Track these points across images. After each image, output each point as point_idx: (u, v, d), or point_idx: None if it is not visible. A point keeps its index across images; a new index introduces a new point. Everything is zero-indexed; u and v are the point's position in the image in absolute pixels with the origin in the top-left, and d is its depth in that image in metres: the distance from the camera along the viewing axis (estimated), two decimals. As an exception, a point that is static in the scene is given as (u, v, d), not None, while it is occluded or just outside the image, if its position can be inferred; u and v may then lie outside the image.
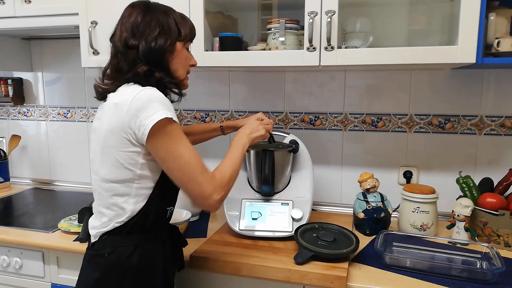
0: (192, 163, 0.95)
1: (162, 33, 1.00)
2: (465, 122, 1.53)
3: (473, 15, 1.16)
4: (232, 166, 1.04)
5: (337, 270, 1.10)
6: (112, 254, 0.99)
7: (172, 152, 0.94)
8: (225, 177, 1.01)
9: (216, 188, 0.97)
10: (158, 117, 0.90)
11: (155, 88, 0.96)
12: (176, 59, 1.04)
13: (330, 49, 1.26)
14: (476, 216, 1.33)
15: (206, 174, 0.97)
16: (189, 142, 0.98)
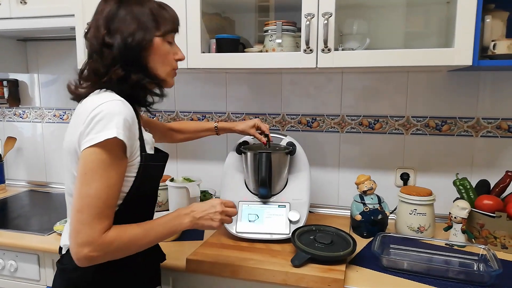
0: (96, 200, 0.81)
1: (138, 28, 0.90)
2: (462, 124, 1.53)
3: (470, 18, 1.16)
4: (142, 240, 0.88)
5: (334, 272, 1.09)
6: (77, 270, 0.91)
7: (92, 173, 0.82)
8: (117, 244, 0.84)
9: (95, 244, 0.81)
10: (106, 136, 0.81)
11: (121, 100, 0.86)
12: (154, 56, 0.93)
13: (327, 51, 1.26)
14: (473, 218, 1.33)
15: (98, 221, 0.81)
16: (118, 177, 0.84)
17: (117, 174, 0.84)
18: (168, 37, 0.96)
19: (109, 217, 0.84)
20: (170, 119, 1.86)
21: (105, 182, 0.82)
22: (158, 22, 0.93)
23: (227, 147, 1.79)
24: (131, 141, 0.86)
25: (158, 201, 1.64)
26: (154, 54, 0.93)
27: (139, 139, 0.91)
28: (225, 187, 1.42)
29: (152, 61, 0.94)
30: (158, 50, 0.94)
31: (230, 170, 1.45)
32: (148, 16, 0.91)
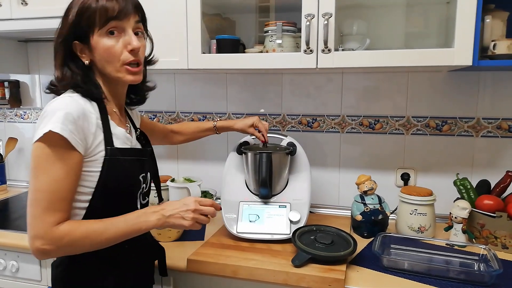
0: (44, 193, 0.82)
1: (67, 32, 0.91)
2: (462, 124, 1.53)
3: (469, 18, 1.16)
4: (100, 236, 0.86)
5: (334, 272, 1.09)
6: (59, 266, 0.96)
7: (38, 168, 0.83)
8: (69, 238, 0.84)
9: (46, 238, 0.82)
10: (44, 130, 0.81)
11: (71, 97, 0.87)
12: (96, 55, 0.91)
13: (327, 51, 1.26)
14: (473, 218, 1.33)
15: (49, 214, 0.82)
16: (67, 170, 0.84)
17: (64, 167, 0.84)
18: (105, 29, 0.89)
19: (62, 210, 0.84)
20: (171, 119, 1.86)
21: (52, 176, 0.83)
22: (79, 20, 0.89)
23: (227, 147, 1.79)
24: (79, 135, 0.85)
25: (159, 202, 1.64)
26: (96, 53, 0.91)
27: (104, 133, 0.90)
28: (226, 187, 1.42)
29: (98, 62, 0.92)
30: (96, 48, 0.90)
31: (230, 170, 1.45)
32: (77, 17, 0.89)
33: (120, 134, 0.96)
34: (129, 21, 0.91)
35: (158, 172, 1.16)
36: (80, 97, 0.90)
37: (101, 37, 0.89)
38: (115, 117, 0.98)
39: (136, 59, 0.93)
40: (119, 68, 0.92)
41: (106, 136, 0.91)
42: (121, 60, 0.91)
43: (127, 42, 0.91)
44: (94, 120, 0.89)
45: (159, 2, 1.42)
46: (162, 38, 1.43)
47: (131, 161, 0.96)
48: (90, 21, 0.88)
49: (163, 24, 1.42)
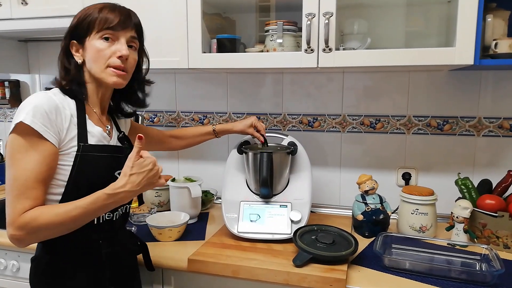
0: (18, 181, 0.87)
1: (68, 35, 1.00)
2: (464, 123, 1.53)
3: (471, 17, 1.16)
4: (54, 219, 0.87)
5: (336, 272, 1.09)
6: (34, 261, 1.01)
7: (11, 158, 0.88)
8: (36, 223, 0.86)
9: (15, 225, 0.86)
10: (15, 121, 0.87)
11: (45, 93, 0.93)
12: (87, 55, 0.99)
13: (328, 50, 1.25)
14: (475, 218, 1.32)
15: (19, 202, 0.86)
16: (39, 159, 0.88)
17: (35, 156, 0.87)
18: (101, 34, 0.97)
19: (32, 198, 0.87)
20: (171, 119, 1.86)
21: (23, 165, 0.87)
22: (89, 25, 0.97)
23: (228, 147, 1.79)
24: (52, 127, 0.89)
25: (160, 201, 1.64)
26: (87, 53, 0.98)
27: (79, 130, 0.95)
28: (227, 187, 1.42)
29: (87, 61, 0.99)
30: (88, 48, 0.98)
31: (231, 170, 1.45)
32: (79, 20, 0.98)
33: (96, 132, 1.00)
34: (125, 34, 0.99)
35: None
36: (58, 94, 0.96)
37: (95, 40, 0.97)
38: (93, 117, 1.02)
39: (122, 65, 0.98)
40: (103, 69, 0.98)
41: (80, 132, 0.95)
42: (107, 63, 0.97)
43: (118, 49, 0.97)
44: (68, 116, 0.94)
45: (160, 2, 1.42)
46: (163, 38, 1.43)
47: (105, 158, 1.00)
48: (90, 25, 0.97)
49: (163, 23, 1.42)
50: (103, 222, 1.02)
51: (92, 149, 0.97)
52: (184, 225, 1.37)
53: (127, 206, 1.11)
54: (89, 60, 0.98)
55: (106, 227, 1.03)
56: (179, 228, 1.34)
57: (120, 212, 1.07)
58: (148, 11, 1.43)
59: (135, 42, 1.03)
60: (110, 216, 1.04)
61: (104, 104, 1.07)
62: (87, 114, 0.99)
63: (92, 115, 1.02)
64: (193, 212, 1.51)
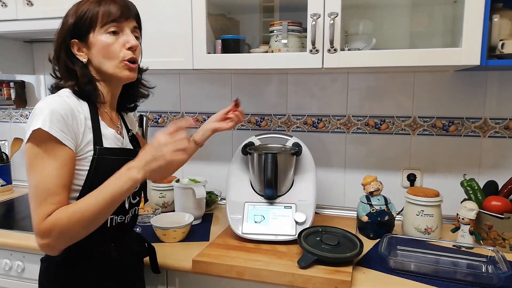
0: (40, 188, 0.85)
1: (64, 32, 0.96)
2: (469, 124, 1.52)
3: (477, 17, 1.15)
4: (87, 212, 0.84)
5: (341, 274, 1.09)
6: (44, 262, 1.00)
7: (31, 166, 0.86)
8: (60, 224, 0.83)
9: (39, 230, 0.84)
10: (32, 128, 0.84)
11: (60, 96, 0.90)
12: (94, 52, 0.94)
13: (333, 51, 1.25)
14: (481, 220, 1.31)
15: (41, 208, 0.84)
16: (58, 164, 0.86)
17: (54, 162, 0.85)
18: (106, 28, 0.94)
19: (55, 203, 0.85)
20: (176, 120, 1.86)
21: (42, 172, 0.85)
22: (91, 20, 0.93)
23: (232, 148, 1.79)
24: (69, 132, 0.88)
25: (164, 202, 1.64)
26: (93, 50, 0.95)
27: (94, 133, 0.93)
28: (231, 188, 1.42)
29: (94, 58, 0.95)
30: (95, 45, 0.94)
31: (235, 171, 1.44)
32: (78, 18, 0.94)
33: (110, 134, 0.99)
34: (128, 24, 0.97)
35: None
36: (71, 96, 0.93)
37: (101, 35, 0.93)
38: (106, 118, 1.01)
39: (134, 56, 0.97)
40: (117, 64, 0.95)
41: (96, 135, 0.94)
42: (121, 57, 0.95)
43: (126, 41, 0.95)
44: (83, 119, 0.92)
45: (165, 2, 1.42)
46: (167, 38, 1.43)
47: (120, 161, 0.95)
48: (92, 21, 0.93)
49: (168, 24, 1.42)
50: (115, 225, 1.01)
51: (108, 152, 0.95)
52: (189, 226, 1.37)
53: (136, 208, 1.10)
54: (97, 57, 0.95)
55: (118, 230, 1.02)
56: (183, 229, 1.34)
57: (131, 215, 1.06)
58: (153, 12, 1.43)
59: (138, 32, 1.01)
60: (122, 219, 1.03)
61: (114, 102, 1.06)
62: (99, 115, 0.98)
63: (104, 116, 1.00)
64: (197, 213, 1.51)
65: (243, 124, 1.77)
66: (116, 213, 1.00)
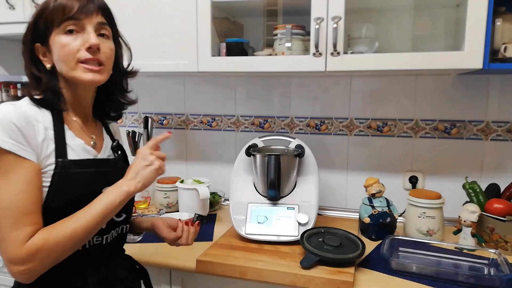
0: (9, 209, 0.74)
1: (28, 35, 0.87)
2: (471, 127, 1.53)
3: (480, 21, 1.16)
4: (77, 229, 0.77)
5: (343, 275, 1.10)
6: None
7: None
8: (43, 247, 0.75)
9: (19, 256, 0.74)
10: None
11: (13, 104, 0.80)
12: (54, 56, 0.85)
13: (336, 54, 1.26)
14: (483, 222, 1.32)
15: (15, 233, 0.74)
16: (24, 181, 0.76)
17: (20, 179, 0.76)
18: (62, 27, 0.83)
19: (32, 224, 0.76)
20: (180, 121, 1.88)
21: (10, 191, 0.75)
22: (47, 20, 0.84)
23: (236, 149, 1.80)
24: (27, 144, 0.78)
25: (169, 203, 1.65)
26: (53, 54, 0.85)
27: (56, 144, 0.83)
28: (234, 189, 1.43)
29: (56, 63, 0.86)
30: (53, 48, 0.85)
31: (239, 172, 1.46)
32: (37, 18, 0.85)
33: (77, 145, 0.88)
34: (90, 21, 0.85)
35: None
36: (29, 105, 0.83)
37: (58, 36, 0.83)
38: (74, 127, 0.90)
39: (94, 57, 0.84)
40: (73, 66, 0.84)
41: (58, 147, 0.83)
42: (76, 58, 0.83)
43: (85, 40, 0.83)
44: (42, 129, 0.81)
45: (170, 5, 1.44)
46: (173, 41, 1.45)
47: (89, 174, 0.87)
48: (48, 21, 0.84)
49: (173, 27, 1.44)
50: (90, 247, 0.88)
51: (73, 165, 0.84)
52: (192, 226, 1.38)
53: (123, 226, 0.97)
54: (57, 61, 0.85)
55: (95, 252, 0.89)
56: (187, 229, 1.35)
57: (113, 235, 0.94)
58: (157, 15, 1.45)
59: (106, 29, 0.88)
60: (99, 240, 0.90)
61: (87, 110, 0.95)
62: (66, 124, 0.87)
63: (72, 125, 0.89)
64: (201, 213, 1.52)
65: (246, 126, 1.79)
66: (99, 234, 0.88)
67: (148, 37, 1.47)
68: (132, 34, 1.47)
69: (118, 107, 1.01)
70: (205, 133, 1.85)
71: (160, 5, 1.45)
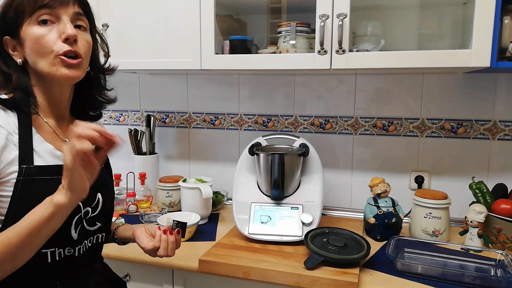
0: None
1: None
2: (478, 127, 1.51)
3: (488, 19, 1.14)
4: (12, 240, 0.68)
5: (347, 275, 1.08)
6: None
7: None
8: None
9: None
10: None
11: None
12: (27, 49, 0.77)
13: (341, 52, 1.25)
14: (489, 223, 1.30)
15: None
16: None
17: None
18: (35, 17, 0.76)
19: None
20: (183, 120, 1.87)
21: None
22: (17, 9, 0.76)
23: (239, 148, 1.79)
24: None
25: (171, 202, 1.64)
26: (26, 47, 0.77)
27: (20, 150, 0.75)
28: (238, 188, 1.42)
29: (29, 57, 0.78)
30: (26, 40, 0.77)
31: (242, 171, 1.45)
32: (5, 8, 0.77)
33: (44, 151, 0.79)
34: (65, 10, 0.78)
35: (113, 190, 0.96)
36: None
37: (31, 27, 0.76)
38: (44, 131, 0.82)
39: (72, 49, 0.77)
40: (52, 61, 0.76)
41: (23, 152, 0.75)
42: (55, 51, 0.76)
43: (61, 31, 0.76)
44: (3, 133, 0.73)
45: (173, 3, 1.42)
46: (176, 39, 1.44)
47: (58, 181, 0.71)
48: (18, 10, 0.76)
49: (176, 24, 1.43)
50: (60, 259, 0.80)
51: (38, 172, 0.76)
52: (195, 225, 1.37)
53: (98, 235, 0.89)
54: (30, 55, 0.77)
55: (66, 265, 0.81)
56: (190, 228, 1.34)
57: (87, 245, 0.86)
58: (161, 12, 1.44)
59: (83, 20, 0.82)
60: (71, 252, 0.82)
61: (63, 110, 0.87)
62: (34, 128, 0.79)
63: (41, 128, 0.81)
64: (204, 212, 1.51)
65: (250, 125, 1.77)
66: (59, 245, 0.79)
67: (151, 35, 1.46)
68: (135, 31, 1.48)
69: (96, 106, 0.93)
70: (208, 131, 1.84)
71: (163, 2, 1.44)
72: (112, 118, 1.97)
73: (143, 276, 1.28)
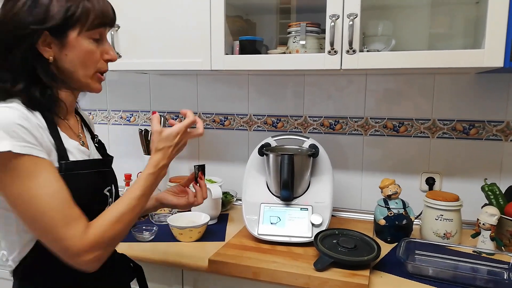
0: (49, 211, 0.71)
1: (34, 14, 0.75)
2: (491, 128, 1.49)
3: (501, 18, 1.12)
4: (120, 217, 0.78)
5: (358, 277, 1.08)
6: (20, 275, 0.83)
7: (20, 195, 0.71)
8: (104, 234, 0.75)
9: (86, 247, 0.73)
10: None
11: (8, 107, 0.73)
12: (69, 54, 0.79)
13: (352, 52, 1.24)
14: (502, 225, 1.28)
15: (71, 228, 0.72)
16: (54, 180, 0.73)
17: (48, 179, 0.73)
18: (92, 33, 0.80)
19: (79, 217, 0.75)
20: (192, 120, 1.87)
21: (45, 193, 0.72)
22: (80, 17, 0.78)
23: (248, 149, 1.79)
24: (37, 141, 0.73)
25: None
26: (70, 53, 0.79)
27: (56, 147, 0.79)
28: (247, 188, 1.42)
29: (69, 62, 0.80)
30: (74, 48, 0.79)
31: (252, 172, 1.45)
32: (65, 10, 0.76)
33: (73, 147, 0.84)
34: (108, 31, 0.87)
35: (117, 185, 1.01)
36: (20, 106, 0.75)
37: (85, 39, 0.80)
38: (66, 128, 0.86)
39: (105, 69, 0.87)
40: (92, 75, 0.83)
41: (58, 149, 0.79)
42: (97, 68, 0.84)
43: (105, 51, 0.85)
44: (43, 129, 0.77)
45: (183, 3, 1.43)
46: (186, 40, 1.44)
47: (91, 175, 0.84)
48: (79, 18, 0.78)
49: (186, 25, 1.43)
50: None
51: (76, 167, 0.81)
52: (205, 225, 1.38)
53: None
54: (72, 61, 0.80)
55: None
56: (199, 228, 1.35)
57: None
58: (171, 13, 1.45)
59: None
60: None
61: (72, 109, 0.92)
62: (58, 126, 0.82)
63: (64, 126, 0.85)
64: (213, 213, 1.51)
65: (259, 125, 1.77)
66: None
67: (161, 35, 1.47)
68: (145, 32, 1.49)
69: None
70: (217, 132, 1.84)
71: (173, 3, 1.45)
72: (122, 118, 1.99)
73: (153, 276, 1.28)
